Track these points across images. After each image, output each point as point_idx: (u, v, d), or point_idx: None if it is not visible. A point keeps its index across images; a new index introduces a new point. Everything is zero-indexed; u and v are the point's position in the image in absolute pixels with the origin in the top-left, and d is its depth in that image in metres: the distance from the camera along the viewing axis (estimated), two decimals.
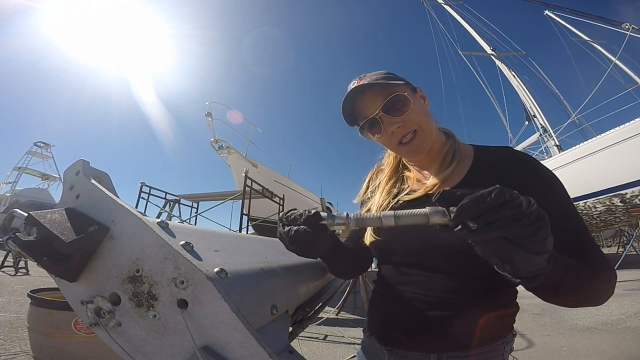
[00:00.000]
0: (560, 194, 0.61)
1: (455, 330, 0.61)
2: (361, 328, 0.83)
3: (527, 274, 0.40)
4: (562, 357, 2.76)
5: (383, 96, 0.66)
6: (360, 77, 0.69)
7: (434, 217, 0.38)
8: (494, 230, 0.34)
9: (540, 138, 10.79)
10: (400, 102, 0.66)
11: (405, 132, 0.67)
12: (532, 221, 0.34)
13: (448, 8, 15.74)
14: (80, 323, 2.01)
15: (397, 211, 0.41)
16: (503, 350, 0.65)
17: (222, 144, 7.25)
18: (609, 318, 3.72)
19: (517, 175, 0.62)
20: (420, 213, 0.39)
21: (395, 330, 0.67)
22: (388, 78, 0.67)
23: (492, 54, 13.58)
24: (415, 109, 0.66)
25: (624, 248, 10.06)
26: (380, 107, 0.66)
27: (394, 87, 0.66)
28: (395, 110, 0.66)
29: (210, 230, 0.59)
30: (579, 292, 0.49)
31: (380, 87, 0.66)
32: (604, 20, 11.71)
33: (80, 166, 0.47)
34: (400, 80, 0.68)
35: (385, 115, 0.66)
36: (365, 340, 0.78)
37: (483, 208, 0.34)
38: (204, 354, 0.34)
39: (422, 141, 0.68)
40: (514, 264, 0.37)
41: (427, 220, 0.38)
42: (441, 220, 0.38)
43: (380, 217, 0.41)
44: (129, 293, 0.38)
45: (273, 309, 0.47)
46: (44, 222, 0.39)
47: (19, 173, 23.82)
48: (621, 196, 7.07)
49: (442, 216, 0.37)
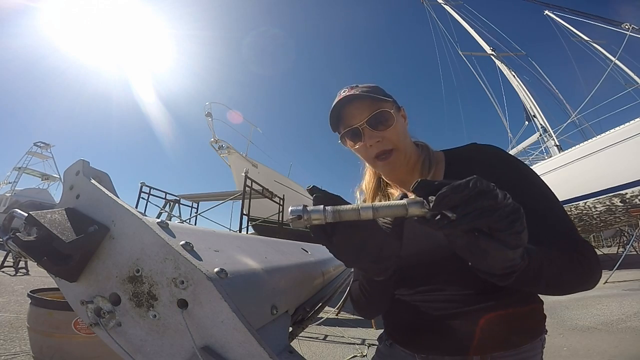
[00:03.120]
0: (533, 179, 0.64)
1: (496, 329, 0.59)
2: (361, 328, 0.83)
3: (500, 270, 0.40)
4: (562, 357, 2.76)
5: (370, 109, 0.68)
6: (352, 87, 0.71)
7: (412, 208, 0.37)
8: (472, 220, 0.34)
9: (540, 138, 10.80)
10: (384, 118, 0.69)
11: (382, 149, 0.69)
12: (509, 213, 0.34)
13: (448, 8, 15.74)
14: (80, 323, 2.01)
15: (374, 203, 0.39)
16: (542, 347, 0.65)
17: (222, 144, 7.26)
18: (609, 318, 3.71)
19: (489, 168, 0.65)
20: (398, 204, 0.38)
21: (428, 335, 0.64)
22: (377, 93, 0.70)
23: (492, 54, 13.59)
24: (396, 128, 0.70)
25: (624, 248, 10.06)
26: (366, 119, 0.68)
27: (382, 103, 0.69)
28: (378, 124, 0.68)
29: (210, 230, 0.59)
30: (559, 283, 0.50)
31: (370, 100, 0.69)
32: (604, 20, 11.71)
33: (80, 166, 0.47)
34: (389, 97, 0.71)
35: (367, 128, 0.69)
36: (384, 350, 0.75)
37: (461, 197, 0.33)
38: (204, 354, 0.34)
39: (397, 159, 0.71)
40: (488, 259, 0.37)
41: (406, 211, 0.37)
42: (419, 212, 0.37)
43: (358, 209, 0.39)
44: (129, 293, 0.38)
45: (273, 309, 0.47)
46: (44, 222, 0.39)
47: (19, 173, 23.83)
48: (621, 196, 7.07)
49: (420, 207, 0.36)
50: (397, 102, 0.75)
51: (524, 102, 11.89)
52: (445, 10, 15.81)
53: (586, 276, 0.53)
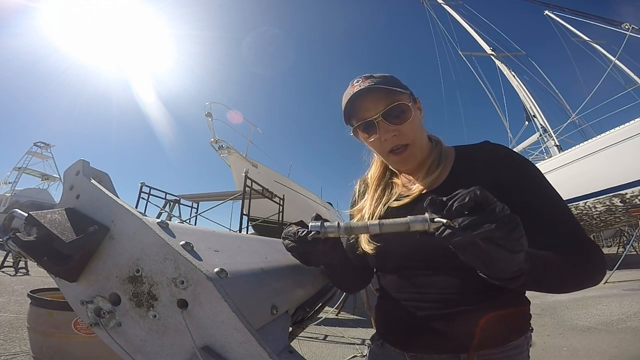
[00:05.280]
0: (539, 181, 0.64)
1: (482, 328, 0.60)
2: (361, 328, 0.83)
3: (510, 274, 0.42)
4: (562, 357, 2.76)
5: (386, 102, 0.66)
6: (367, 77, 0.68)
7: (414, 225, 0.43)
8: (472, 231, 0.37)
9: (540, 138, 10.79)
10: (401, 111, 0.67)
11: (397, 143, 0.68)
12: (506, 222, 0.37)
13: (448, 8, 15.73)
14: (80, 323, 2.01)
15: (381, 220, 0.46)
16: (527, 345, 0.65)
17: (222, 144, 7.24)
18: (609, 318, 3.72)
19: (495, 168, 0.65)
20: (402, 222, 0.44)
21: (417, 334, 0.65)
22: (394, 84, 0.67)
23: (492, 54, 13.58)
24: (412, 122, 0.68)
25: (624, 248, 10.06)
26: (381, 112, 0.66)
27: (398, 95, 0.67)
28: (394, 118, 0.66)
29: (210, 230, 0.59)
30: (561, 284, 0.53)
31: (386, 92, 0.66)
32: (604, 20, 11.70)
33: (80, 166, 0.47)
34: (405, 89, 0.69)
35: (383, 121, 0.67)
36: (376, 350, 0.76)
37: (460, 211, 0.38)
38: (204, 354, 0.34)
39: (411, 154, 0.70)
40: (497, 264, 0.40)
41: (408, 227, 0.43)
42: (420, 227, 0.42)
43: (367, 226, 0.47)
44: (129, 293, 0.38)
45: (273, 309, 0.47)
46: (44, 222, 0.39)
47: (19, 173, 23.82)
48: (621, 196, 7.07)
49: (421, 224, 0.42)
50: (414, 94, 0.72)
51: (524, 102, 11.88)
52: (445, 10, 15.80)
53: (588, 277, 0.54)
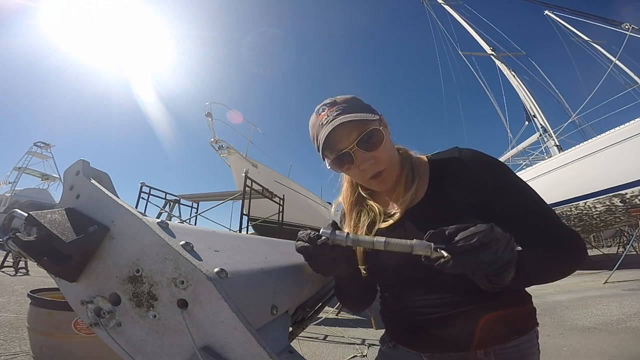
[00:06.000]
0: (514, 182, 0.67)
1: (495, 326, 0.62)
2: (361, 328, 0.83)
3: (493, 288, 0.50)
4: (562, 357, 2.76)
5: (358, 130, 0.65)
6: (331, 104, 0.67)
7: (417, 249, 0.46)
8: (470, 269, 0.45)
9: (540, 138, 10.81)
10: (374, 136, 0.66)
11: (376, 170, 0.68)
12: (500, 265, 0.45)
13: (448, 8, 15.74)
14: (80, 323, 2.01)
15: (387, 238, 0.50)
16: (537, 338, 0.68)
17: (222, 144, 7.24)
18: (609, 318, 3.71)
19: (472, 175, 0.67)
20: (406, 243, 0.48)
21: (432, 334, 0.65)
22: (359, 108, 0.67)
23: (492, 54, 13.59)
24: (385, 145, 0.68)
25: (624, 248, 10.05)
26: (355, 141, 0.65)
27: (369, 122, 0.66)
28: (369, 144, 0.66)
29: (210, 230, 0.59)
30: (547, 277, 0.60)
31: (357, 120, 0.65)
32: (604, 20, 11.71)
33: (80, 166, 0.47)
34: (371, 111, 0.68)
35: (359, 150, 0.66)
36: (388, 351, 0.76)
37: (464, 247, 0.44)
38: (204, 354, 0.34)
39: (389, 176, 0.71)
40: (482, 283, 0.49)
41: (411, 250, 0.47)
42: (422, 252, 0.46)
43: (373, 241, 0.51)
44: (129, 293, 0.38)
45: (273, 309, 0.47)
46: (44, 222, 0.39)
47: (19, 173, 23.81)
48: (621, 196, 7.08)
49: (424, 250, 0.46)
50: (377, 111, 0.71)
51: (524, 102, 11.89)
52: (445, 10, 15.81)
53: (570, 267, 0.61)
